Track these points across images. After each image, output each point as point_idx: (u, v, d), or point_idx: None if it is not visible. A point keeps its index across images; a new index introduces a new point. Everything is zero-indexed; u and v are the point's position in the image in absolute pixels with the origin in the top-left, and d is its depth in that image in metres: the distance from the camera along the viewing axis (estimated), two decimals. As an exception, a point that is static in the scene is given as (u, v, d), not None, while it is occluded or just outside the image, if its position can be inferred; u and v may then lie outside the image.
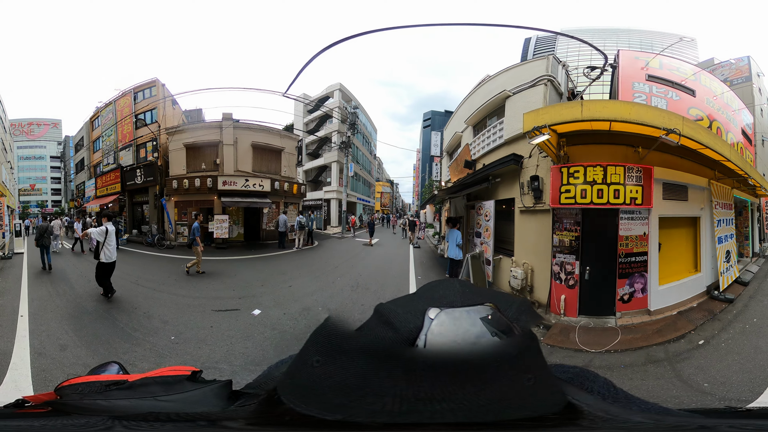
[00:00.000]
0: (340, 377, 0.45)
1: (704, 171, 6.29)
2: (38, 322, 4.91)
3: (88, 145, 24.08)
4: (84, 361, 3.68)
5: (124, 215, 18.39)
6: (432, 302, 0.58)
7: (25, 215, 28.11)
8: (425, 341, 0.52)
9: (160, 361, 3.72)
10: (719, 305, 5.72)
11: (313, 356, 0.48)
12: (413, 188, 58.77)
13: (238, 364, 3.75)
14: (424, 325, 0.54)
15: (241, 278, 8.18)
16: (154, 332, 4.56)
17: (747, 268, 8.55)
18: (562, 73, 7.82)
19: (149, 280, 7.83)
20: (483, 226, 7.50)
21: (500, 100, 7.96)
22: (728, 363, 3.76)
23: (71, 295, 6.49)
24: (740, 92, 12.26)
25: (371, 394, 0.43)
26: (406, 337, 0.54)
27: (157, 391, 0.65)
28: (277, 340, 4.39)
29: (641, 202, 4.88)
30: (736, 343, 4.27)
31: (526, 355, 0.47)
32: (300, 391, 0.47)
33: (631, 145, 5.01)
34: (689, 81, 7.94)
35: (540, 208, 5.89)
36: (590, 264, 5.01)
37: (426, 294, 0.63)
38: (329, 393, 0.45)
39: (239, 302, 6.00)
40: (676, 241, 6.10)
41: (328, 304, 5.95)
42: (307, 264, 10.29)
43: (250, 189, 14.96)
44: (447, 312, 0.54)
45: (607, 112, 4.22)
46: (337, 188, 26.44)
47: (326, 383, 0.46)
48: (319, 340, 0.49)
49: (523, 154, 6.55)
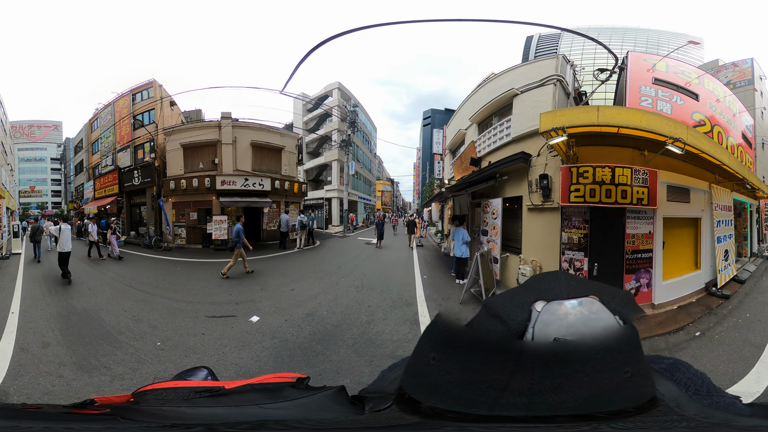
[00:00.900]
0: (458, 373, 0.47)
1: (705, 175, 6.65)
2: (27, 319, 5.09)
3: (86, 147, 24.24)
4: (61, 360, 3.79)
5: (122, 217, 18.46)
6: (538, 294, 0.59)
7: (25, 217, 28.20)
8: (533, 334, 0.53)
9: (138, 367, 3.66)
10: (716, 301, 6.12)
11: (429, 354, 0.49)
12: (413, 186, 59.12)
13: (227, 375, 3.44)
14: (531, 317, 0.55)
15: (239, 282, 7.94)
16: (140, 337, 4.48)
17: (745, 267, 8.98)
18: (570, 74, 8.09)
19: (143, 282, 7.79)
20: (490, 224, 7.75)
21: (507, 98, 8.15)
22: (719, 353, 4.14)
23: (63, 294, 6.61)
24: (742, 95, 12.63)
25: (492, 387, 0.44)
26: (515, 330, 0.56)
27: (258, 399, 0.62)
28: (278, 349, 4.13)
29: (647, 202, 5.20)
30: (728, 336, 4.67)
31: (626, 349, 0.47)
32: (426, 389, 0.48)
33: (638, 148, 5.32)
34: (693, 84, 8.26)
35: (549, 206, 6.18)
36: (598, 260, 5.33)
37: (532, 286, 0.65)
38: (453, 388, 0.46)
39: (236, 308, 5.80)
40: (678, 239, 6.45)
41: (334, 308, 5.80)
42: (309, 265, 10.22)
43: (249, 188, 14.96)
44: (553, 304, 0.55)
45: (621, 119, 4.53)
46: (338, 187, 26.66)
47: (447, 379, 0.47)
48: (432, 338, 0.50)
49: (531, 152, 6.83)
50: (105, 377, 3.45)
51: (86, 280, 8.00)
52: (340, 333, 4.69)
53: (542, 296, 0.58)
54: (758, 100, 13.94)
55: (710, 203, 6.94)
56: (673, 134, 4.14)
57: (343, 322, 5.12)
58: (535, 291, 0.61)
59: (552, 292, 0.59)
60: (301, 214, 15.43)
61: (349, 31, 6.53)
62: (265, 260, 11.11)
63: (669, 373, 0.60)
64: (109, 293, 6.68)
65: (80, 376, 3.46)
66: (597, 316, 0.52)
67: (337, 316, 5.34)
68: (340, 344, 4.33)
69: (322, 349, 4.15)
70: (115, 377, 3.46)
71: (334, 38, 6.45)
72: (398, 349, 4.17)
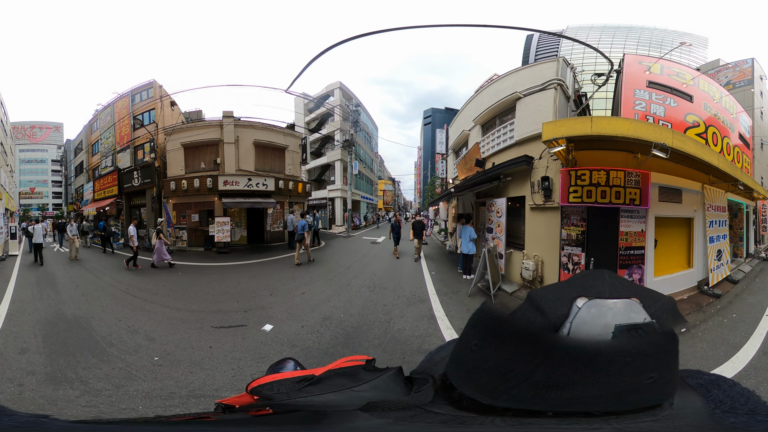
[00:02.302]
0: (494, 361, 0.49)
1: (699, 176, 7.22)
2: (12, 323, 5.11)
3: (86, 148, 24.45)
4: (33, 368, 3.65)
5: (121, 219, 18.57)
6: (582, 291, 0.61)
7: (25, 218, 28.36)
8: (570, 329, 0.55)
9: (124, 384, 3.36)
10: (706, 299, 6.60)
11: (472, 340, 0.51)
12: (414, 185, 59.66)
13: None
14: (570, 312, 0.57)
15: (246, 287, 7.69)
16: (134, 350, 4.18)
17: (740, 268, 9.42)
18: (570, 76, 8.60)
19: (141, 288, 7.45)
20: (495, 222, 8.34)
21: (511, 101, 8.64)
22: (696, 349, 4.38)
23: (54, 300, 6.55)
24: (741, 95, 13.09)
25: (517, 377, 0.46)
26: (553, 322, 0.58)
27: (345, 383, 0.67)
28: (302, 358, 4.03)
29: (639, 202, 5.81)
30: (710, 334, 4.91)
31: (660, 356, 0.48)
32: (463, 375, 0.51)
33: (631, 152, 5.92)
34: (688, 86, 8.74)
35: (550, 206, 6.80)
36: (594, 255, 5.94)
37: (577, 283, 0.67)
38: (485, 376, 0.48)
39: (245, 316, 5.53)
40: (671, 238, 7.05)
41: (350, 309, 5.79)
42: (317, 266, 10.11)
43: (253, 189, 14.91)
44: (594, 302, 0.56)
45: (611, 128, 5.19)
46: (341, 187, 27.21)
47: (483, 366, 0.49)
48: (477, 324, 0.52)
49: (533, 155, 7.43)
50: (73, 392, 3.20)
51: (81, 284, 7.92)
52: (362, 334, 4.74)
53: (585, 293, 0.60)
54: (757, 101, 14.37)
55: (703, 204, 7.52)
56: (658, 140, 4.75)
57: (363, 323, 5.16)
58: (578, 287, 0.63)
59: (595, 289, 0.62)
60: (306, 215, 14.06)
61: (357, 36, 7.07)
62: (271, 263, 11.04)
63: (705, 389, 0.59)
64: (103, 300, 6.55)
65: (42, 388, 3.27)
66: (635, 319, 0.54)
67: (354, 318, 5.37)
68: (366, 345, 4.40)
69: (349, 353, 4.12)
70: (87, 393, 3.19)
71: (343, 43, 6.98)
72: (424, 344, 4.35)
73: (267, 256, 12.42)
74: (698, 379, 0.64)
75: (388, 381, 0.68)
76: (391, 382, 0.67)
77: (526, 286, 7.23)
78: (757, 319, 5.47)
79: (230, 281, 8.38)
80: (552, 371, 0.46)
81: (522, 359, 0.47)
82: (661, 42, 28.86)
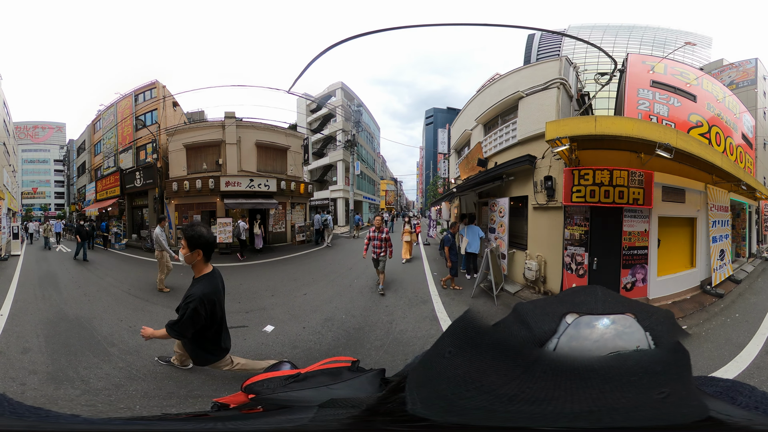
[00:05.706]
0: (463, 370, 0.48)
1: (702, 175, 7.22)
2: (15, 323, 5.12)
3: (89, 148, 24.61)
4: (35, 368, 3.70)
5: (124, 219, 18.67)
6: (572, 307, 0.60)
7: (28, 218, 28.53)
8: (557, 344, 0.54)
9: (125, 383, 3.41)
10: (709, 299, 6.61)
11: (447, 347, 0.51)
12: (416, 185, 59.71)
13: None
14: (559, 328, 0.56)
15: (248, 288, 7.75)
16: (135, 350, 4.18)
17: (742, 268, 9.46)
18: (573, 76, 8.60)
19: (143, 289, 7.50)
20: (497, 222, 8.36)
21: (513, 100, 8.63)
22: (701, 350, 4.36)
23: (56, 300, 6.59)
24: (744, 95, 13.09)
25: (482, 390, 0.45)
26: (539, 337, 0.57)
27: (327, 381, 0.74)
28: (304, 360, 4.00)
29: (642, 202, 5.81)
30: (713, 334, 4.93)
31: (670, 371, 0.47)
32: (424, 380, 0.51)
33: (635, 151, 5.92)
34: (692, 86, 8.75)
35: (553, 206, 6.80)
36: (598, 255, 5.95)
37: (567, 298, 0.66)
38: (446, 385, 0.48)
39: (246, 317, 5.54)
40: (674, 238, 7.06)
41: (352, 310, 5.80)
42: (319, 267, 10.14)
43: (255, 189, 14.97)
44: (585, 318, 0.56)
45: (615, 128, 5.18)
46: (343, 187, 27.18)
47: (449, 374, 0.49)
48: (456, 332, 0.52)
49: (536, 154, 7.43)
50: (75, 391, 3.26)
51: (83, 284, 7.99)
52: (364, 336, 4.74)
53: (575, 309, 0.59)
54: (761, 101, 14.35)
55: (706, 204, 7.53)
56: (662, 140, 4.76)
57: (365, 324, 5.18)
58: (568, 303, 0.62)
59: (586, 306, 0.61)
60: (324, 213, 16.84)
61: (359, 35, 7.08)
62: (272, 264, 11.06)
63: (728, 396, 0.59)
64: (105, 300, 6.58)
65: (45, 387, 3.33)
66: (629, 334, 0.53)
67: (357, 319, 5.39)
68: (368, 347, 4.42)
69: (351, 354, 4.27)
70: (87, 392, 3.25)
71: (344, 42, 7.00)
72: (426, 345, 4.08)
73: (269, 256, 12.38)
74: (714, 387, 0.63)
75: (365, 381, 0.71)
76: (367, 383, 0.70)
77: (529, 286, 7.24)
78: (760, 318, 5.48)
79: (231, 282, 8.27)
80: (528, 385, 0.45)
81: (495, 371, 0.47)
82: (664, 42, 28.84)
